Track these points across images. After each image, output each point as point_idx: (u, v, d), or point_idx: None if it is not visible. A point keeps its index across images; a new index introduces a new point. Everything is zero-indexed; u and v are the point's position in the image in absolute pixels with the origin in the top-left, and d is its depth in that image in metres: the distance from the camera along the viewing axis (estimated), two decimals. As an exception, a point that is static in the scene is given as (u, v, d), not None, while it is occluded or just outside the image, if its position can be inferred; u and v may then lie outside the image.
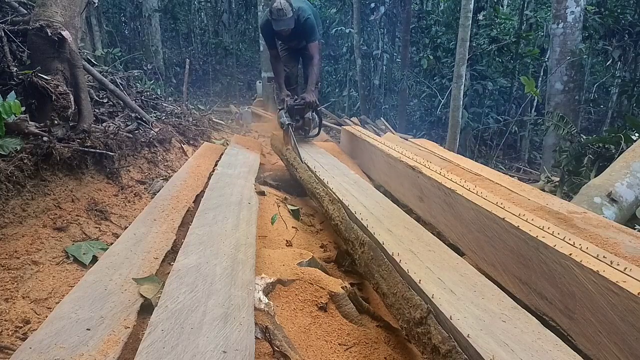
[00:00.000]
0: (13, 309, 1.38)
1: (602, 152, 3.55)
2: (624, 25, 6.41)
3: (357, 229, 1.70)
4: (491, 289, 1.27)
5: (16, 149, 1.94)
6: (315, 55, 3.65)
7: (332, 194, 2.15)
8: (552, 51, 6.18)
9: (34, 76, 2.28)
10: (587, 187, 2.57)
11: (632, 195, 2.49)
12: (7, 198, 1.79)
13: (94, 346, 1.02)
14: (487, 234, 1.78)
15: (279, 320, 1.33)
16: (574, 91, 6.09)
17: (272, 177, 3.18)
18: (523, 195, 2.15)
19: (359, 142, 3.74)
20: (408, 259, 1.41)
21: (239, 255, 1.48)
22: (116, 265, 1.41)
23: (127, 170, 2.67)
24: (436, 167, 2.58)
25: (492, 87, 7.49)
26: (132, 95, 4.14)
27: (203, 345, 0.99)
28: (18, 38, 2.54)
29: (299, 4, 3.55)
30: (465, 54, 5.14)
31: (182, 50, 13.16)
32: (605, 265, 1.29)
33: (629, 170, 2.58)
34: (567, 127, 4.70)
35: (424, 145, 3.65)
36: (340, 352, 1.32)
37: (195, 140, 4.18)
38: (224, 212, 1.89)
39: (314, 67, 3.66)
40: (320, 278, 1.55)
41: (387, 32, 10.25)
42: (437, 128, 8.56)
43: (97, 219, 2.11)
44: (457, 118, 5.33)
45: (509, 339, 1.01)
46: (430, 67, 8.12)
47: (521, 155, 8.07)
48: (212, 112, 7.31)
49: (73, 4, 2.72)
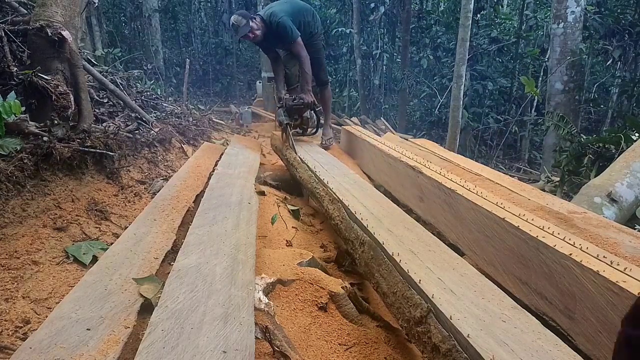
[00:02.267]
0: (13, 309, 1.38)
1: (602, 152, 3.56)
2: (624, 25, 6.41)
3: (357, 229, 1.69)
4: (491, 289, 1.27)
5: (16, 149, 1.94)
6: (300, 52, 3.60)
7: (332, 193, 2.15)
8: (552, 51, 6.18)
9: (34, 76, 2.28)
10: (587, 187, 2.57)
11: (632, 195, 2.49)
12: (7, 198, 1.79)
13: (94, 346, 1.02)
14: (487, 234, 1.78)
15: (279, 320, 1.33)
16: (574, 91, 6.09)
17: (272, 177, 3.18)
18: (523, 195, 2.15)
19: (359, 142, 3.74)
20: (408, 259, 1.41)
21: (239, 255, 1.48)
22: (116, 265, 1.41)
23: (127, 170, 2.67)
24: (436, 167, 2.58)
25: (492, 87, 7.49)
26: (132, 95, 4.14)
27: (203, 345, 0.98)
28: (18, 38, 2.54)
29: (272, 10, 3.62)
30: (465, 54, 5.15)
31: (182, 50, 13.16)
32: (605, 265, 1.29)
33: (629, 170, 2.58)
34: (567, 127, 4.70)
35: (424, 145, 3.65)
36: (340, 352, 1.32)
37: (195, 140, 4.19)
38: (224, 212, 1.89)
39: (302, 66, 3.64)
40: (320, 278, 1.55)
41: (387, 32, 10.25)
42: (437, 128, 8.57)
43: (97, 219, 2.11)
44: (457, 118, 5.33)
45: (509, 339, 1.01)
46: (430, 66, 8.12)
47: (521, 155, 8.07)
48: (212, 112, 7.31)
49: (73, 4, 2.73)
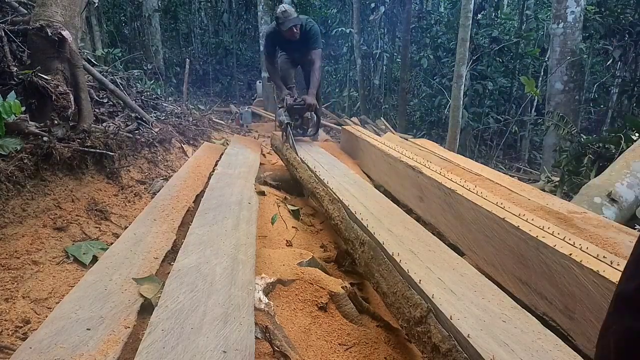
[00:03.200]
0: (13, 308, 1.38)
1: (602, 152, 3.55)
2: (624, 25, 6.40)
3: (357, 229, 1.69)
4: (491, 289, 1.27)
5: (16, 149, 1.94)
6: (317, 61, 3.87)
7: (332, 193, 2.15)
8: (552, 51, 6.17)
9: (34, 76, 2.28)
10: (587, 187, 2.57)
11: (632, 195, 2.49)
12: (7, 198, 1.79)
13: (94, 346, 1.02)
14: (487, 234, 1.78)
15: (279, 320, 1.33)
16: (574, 91, 6.09)
17: (272, 177, 3.18)
18: (523, 195, 2.15)
19: (359, 142, 3.74)
20: (408, 259, 1.41)
21: (239, 255, 1.48)
22: (116, 265, 1.41)
23: (127, 170, 2.67)
24: (436, 167, 2.58)
25: (493, 87, 7.48)
26: (132, 95, 4.14)
27: (203, 345, 0.99)
28: (18, 38, 2.54)
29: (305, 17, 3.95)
30: (465, 54, 5.14)
31: (182, 50, 13.16)
32: (605, 265, 1.29)
33: (629, 170, 2.58)
34: (567, 127, 4.70)
35: (424, 145, 3.65)
36: (340, 352, 1.32)
37: (195, 140, 4.18)
38: (224, 212, 1.89)
39: (315, 72, 3.87)
40: (320, 278, 1.55)
41: (387, 32, 10.25)
42: (437, 128, 8.56)
43: (97, 218, 2.11)
44: (457, 118, 5.33)
45: (509, 339, 1.01)
46: (430, 66, 8.11)
47: (521, 155, 8.06)
48: (212, 112, 7.30)
49: (73, 4, 2.72)
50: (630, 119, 4.02)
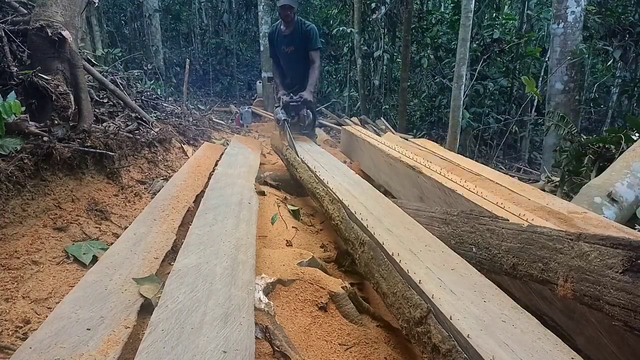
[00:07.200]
0: (13, 309, 1.38)
1: (603, 152, 3.54)
2: (624, 25, 6.40)
3: (357, 229, 1.69)
4: (491, 289, 1.27)
5: (16, 149, 1.94)
6: (316, 60, 4.05)
7: (332, 193, 2.15)
8: (552, 51, 6.17)
9: (34, 76, 2.28)
10: (588, 187, 2.57)
11: (632, 195, 2.49)
12: (7, 198, 1.79)
13: (94, 346, 1.02)
14: (487, 234, 1.77)
15: (279, 320, 1.33)
16: (575, 91, 6.09)
17: (272, 177, 3.18)
18: (523, 195, 2.15)
19: (359, 142, 3.74)
20: (408, 259, 1.41)
21: (239, 255, 1.48)
22: (116, 265, 1.41)
23: (127, 170, 2.67)
24: (436, 167, 2.58)
25: (493, 87, 7.48)
26: (133, 95, 4.14)
27: (203, 345, 0.98)
28: (18, 38, 2.54)
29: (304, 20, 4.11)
30: (465, 54, 5.14)
31: (182, 50, 13.17)
32: (605, 266, 1.28)
33: (630, 170, 2.58)
34: (567, 127, 4.69)
35: (424, 145, 3.65)
36: (341, 352, 1.32)
37: (195, 140, 4.19)
38: (224, 212, 1.89)
39: (314, 71, 4.02)
40: (320, 278, 1.55)
41: (387, 32, 10.24)
42: (437, 128, 8.56)
43: (97, 219, 2.11)
44: (457, 118, 5.33)
45: (509, 339, 1.01)
46: (431, 66, 8.11)
47: (521, 155, 8.07)
48: (212, 112, 7.31)
49: (73, 4, 2.73)
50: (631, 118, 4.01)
